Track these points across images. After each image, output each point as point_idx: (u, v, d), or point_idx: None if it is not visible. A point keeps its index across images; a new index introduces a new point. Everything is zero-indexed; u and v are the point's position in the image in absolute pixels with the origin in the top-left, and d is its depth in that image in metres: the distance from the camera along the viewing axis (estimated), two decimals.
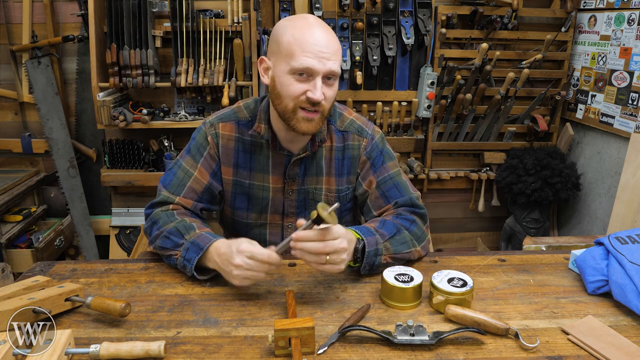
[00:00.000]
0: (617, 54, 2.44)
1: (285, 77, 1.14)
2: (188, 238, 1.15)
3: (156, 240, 1.22)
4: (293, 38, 1.12)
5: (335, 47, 1.14)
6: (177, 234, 1.17)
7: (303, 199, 1.35)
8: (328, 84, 1.16)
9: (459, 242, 3.17)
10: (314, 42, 1.10)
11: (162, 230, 1.20)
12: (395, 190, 1.31)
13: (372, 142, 1.33)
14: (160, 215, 1.24)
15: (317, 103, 1.14)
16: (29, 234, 2.62)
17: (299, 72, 1.12)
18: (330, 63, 1.12)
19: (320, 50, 1.11)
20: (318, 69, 1.11)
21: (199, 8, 2.55)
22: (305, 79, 1.13)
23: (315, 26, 1.13)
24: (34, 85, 2.57)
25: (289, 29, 1.14)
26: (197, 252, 1.12)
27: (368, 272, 1.16)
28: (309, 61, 1.10)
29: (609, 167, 2.58)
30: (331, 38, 1.14)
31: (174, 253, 1.17)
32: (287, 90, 1.15)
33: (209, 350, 0.91)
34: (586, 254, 1.15)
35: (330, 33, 1.15)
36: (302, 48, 1.10)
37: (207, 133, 1.31)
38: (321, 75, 1.12)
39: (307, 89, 1.13)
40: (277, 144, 1.29)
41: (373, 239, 1.14)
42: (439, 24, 2.63)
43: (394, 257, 1.18)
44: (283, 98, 1.16)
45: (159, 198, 1.29)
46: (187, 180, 1.29)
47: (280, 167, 1.31)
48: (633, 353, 0.89)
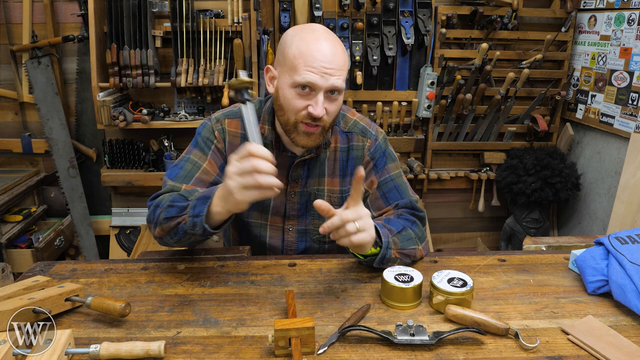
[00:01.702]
0: (617, 54, 2.44)
1: (287, 90, 1.14)
2: (192, 198, 1.09)
3: (160, 216, 1.12)
4: (298, 51, 1.11)
5: (341, 62, 1.13)
6: (180, 199, 1.11)
7: (305, 202, 1.34)
8: (331, 98, 1.15)
9: (459, 242, 3.17)
10: (319, 57, 1.09)
11: (165, 204, 1.13)
12: (396, 192, 1.31)
13: (376, 142, 1.34)
14: (161, 198, 1.18)
15: (318, 119, 1.13)
16: (29, 234, 2.62)
17: (301, 86, 1.11)
18: (333, 79, 1.11)
19: (324, 65, 1.10)
20: (320, 85, 1.10)
21: (199, 8, 2.55)
22: (307, 93, 1.12)
23: (321, 40, 1.12)
24: (34, 85, 2.57)
25: (296, 41, 1.13)
26: (205, 201, 1.04)
27: (378, 265, 1.15)
28: (312, 77, 1.09)
29: (609, 167, 2.57)
30: (337, 52, 1.13)
31: (181, 219, 1.08)
32: (289, 103, 1.14)
33: (209, 350, 0.91)
34: (586, 254, 1.15)
35: (337, 47, 1.14)
36: (306, 62, 1.10)
37: (214, 128, 1.29)
38: (323, 90, 1.12)
39: (309, 103, 1.12)
40: (281, 145, 1.28)
41: (384, 231, 1.15)
42: (439, 24, 2.63)
43: (401, 252, 1.17)
44: (285, 111, 1.16)
45: (164, 189, 1.23)
46: (195, 171, 1.25)
47: (284, 169, 1.30)
48: (633, 353, 0.89)
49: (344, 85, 1.15)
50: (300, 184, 1.32)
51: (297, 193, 1.33)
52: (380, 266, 1.15)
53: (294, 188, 1.32)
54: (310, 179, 1.32)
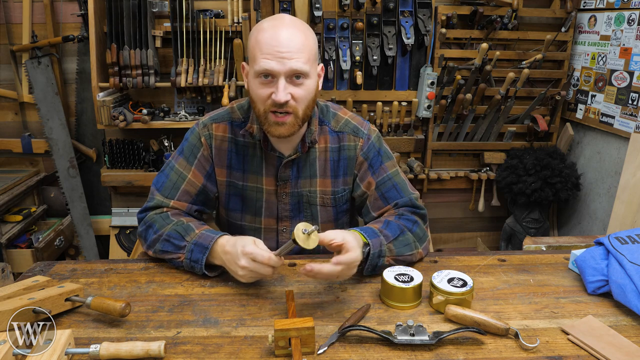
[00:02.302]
0: (617, 54, 2.44)
1: (252, 82, 1.15)
2: (190, 240, 1.15)
3: (155, 245, 1.21)
4: (255, 41, 1.11)
5: (299, 44, 1.10)
6: (177, 237, 1.17)
7: (297, 202, 1.33)
8: (296, 83, 1.12)
9: (459, 242, 3.17)
10: (273, 43, 1.08)
11: (161, 234, 1.19)
12: (394, 191, 1.30)
13: (369, 142, 1.31)
14: (154, 218, 1.23)
15: (282, 104, 1.11)
16: (29, 234, 2.62)
17: (261, 74, 1.11)
18: (292, 62, 1.08)
19: (279, 50, 1.08)
20: (278, 70, 1.09)
21: (199, 8, 2.55)
22: (269, 81, 1.11)
23: (279, 26, 1.10)
24: (34, 85, 2.57)
25: (255, 32, 1.13)
26: (203, 251, 1.13)
27: (370, 273, 1.16)
28: (267, 63, 1.08)
29: (609, 167, 2.58)
30: (295, 35, 1.10)
31: (176, 256, 1.17)
32: (255, 94, 1.15)
33: (209, 350, 0.91)
34: (586, 254, 1.15)
35: (297, 30, 1.11)
36: (262, 50, 1.09)
37: (201, 134, 1.29)
38: (283, 75, 1.09)
39: (272, 91, 1.11)
40: (269, 144, 1.27)
41: (377, 240, 1.14)
42: (439, 24, 2.63)
43: (396, 258, 1.17)
44: (255, 102, 1.16)
45: (153, 202, 1.27)
46: (180, 183, 1.28)
47: (273, 169, 1.29)
48: (633, 353, 0.89)
49: (308, 69, 1.11)
50: (290, 184, 1.30)
51: (287, 194, 1.31)
52: (372, 274, 1.16)
53: (284, 189, 1.31)
54: (300, 179, 1.31)
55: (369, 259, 1.13)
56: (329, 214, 1.36)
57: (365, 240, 1.13)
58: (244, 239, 1.07)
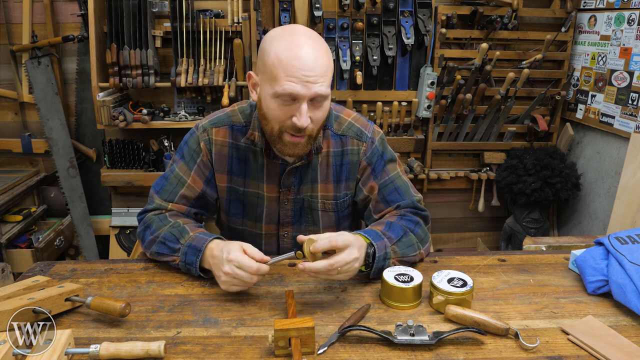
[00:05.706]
0: (617, 54, 2.44)
1: (269, 100, 1.08)
2: (184, 242, 1.15)
3: (152, 247, 1.21)
4: (277, 60, 1.04)
5: (324, 67, 1.06)
6: (172, 239, 1.17)
7: (299, 208, 1.31)
8: (316, 106, 1.09)
9: (459, 242, 3.17)
10: (299, 65, 1.03)
11: (157, 236, 1.19)
12: (396, 194, 1.28)
13: (372, 146, 1.28)
14: (152, 219, 1.23)
15: (302, 129, 1.09)
16: (29, 234, 2.62)
17: (284, 96, 1.05)
18: (316, 87, 1.04)
19: (305, 74, 1.03)
20: (303, 94, 1.04)
21: (199, 8, 2.55)
22: (290, 103, 1.06)
23: (302, 45, 1.04)
24: (34, 85, 2.57)
25: (274, 48, 1.05)
26: (196, 254, 1.12)
27: (377, 276, 1.14)
28: (293, 87, 1.03)
29: (609, 167, 2.57)
30: (319, 57, 1.06)
31: (171, 259, 1.18)
32: (271, 114, 1.10)
33: (209, 350, 0.91)
34: (586, 254, 1.15)
35: (320, 50, 1.07)
36: (286, 72, 1.03)
37: (200, 139, 1.27)
38: (307, 99, 1.06)
39: (292, 114, 1.07)
40: (271, 152, 1.24)
41: (382, 243, 1.13)
42: (439, 24, 2.63)
43: (401, 260, 1.17)
44: (269, 121, 1.12)
45: (152, 205, 1.27)
46: (180, 187, 1.27)
47: (275, 176, 1.27)
48: (633, 353, 0.89)
49: (329, 91, 1.08)
50: (293, 191, 1.29)
51: (290, 200, 1.30)
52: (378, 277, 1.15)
53: (286, 195, 1.29)
54: (302, 185, 1.29)
55: (375, 263, 1.11)
56: (330, 219, 1.34)
57: (369, 240, 1.12)
58: (231, 245, 1.05)
